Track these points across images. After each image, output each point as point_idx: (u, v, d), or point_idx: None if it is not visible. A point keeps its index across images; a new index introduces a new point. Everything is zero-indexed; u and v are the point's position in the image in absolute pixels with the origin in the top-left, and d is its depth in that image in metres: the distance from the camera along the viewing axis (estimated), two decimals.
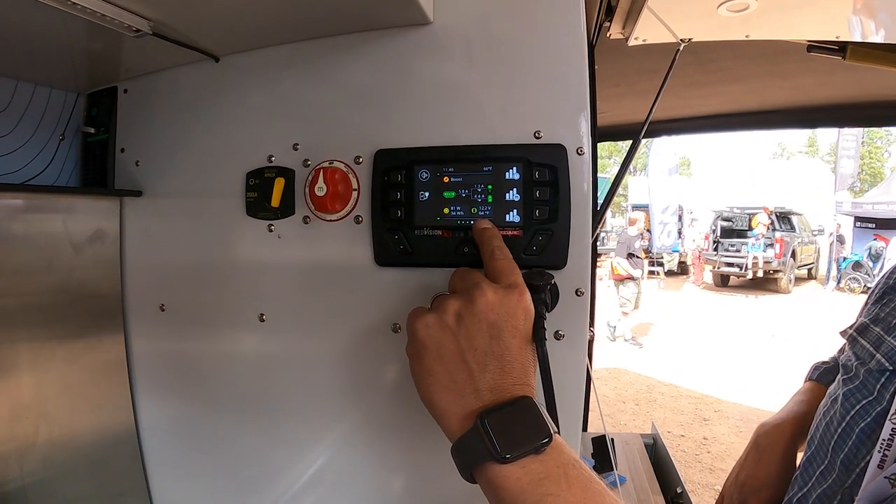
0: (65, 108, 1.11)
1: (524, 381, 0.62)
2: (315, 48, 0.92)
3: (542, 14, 0.81)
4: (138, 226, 1.07)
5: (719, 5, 1.25)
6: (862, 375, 0.85)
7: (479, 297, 0.62)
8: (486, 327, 0.62)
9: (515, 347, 0.62)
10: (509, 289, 0.64)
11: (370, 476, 0.93)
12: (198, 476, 1.06)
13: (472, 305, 0.62)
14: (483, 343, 0.61)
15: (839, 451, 0.81)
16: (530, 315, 0.65)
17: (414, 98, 0.87)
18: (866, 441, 0.77)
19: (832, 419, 0.87)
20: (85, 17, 0.75)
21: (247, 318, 0.97)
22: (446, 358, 0.62)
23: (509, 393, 0.59)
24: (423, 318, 0.65)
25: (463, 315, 0.63)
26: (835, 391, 0.91)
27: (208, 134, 1.00)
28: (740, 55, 1.94)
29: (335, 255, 0.91)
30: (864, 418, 0.79)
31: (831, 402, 0.90)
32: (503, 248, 0.71)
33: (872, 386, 0.81)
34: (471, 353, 0.61)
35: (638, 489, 1.66)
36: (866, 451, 0.76)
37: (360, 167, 0.89)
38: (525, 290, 0.65)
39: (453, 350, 0.62)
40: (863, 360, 0.87)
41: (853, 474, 0.77)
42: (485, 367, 0.60)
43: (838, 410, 0.86)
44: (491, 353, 0.61)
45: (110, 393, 1.06)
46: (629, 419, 6.06)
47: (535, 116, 0.81)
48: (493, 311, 0.62)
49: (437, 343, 0.63)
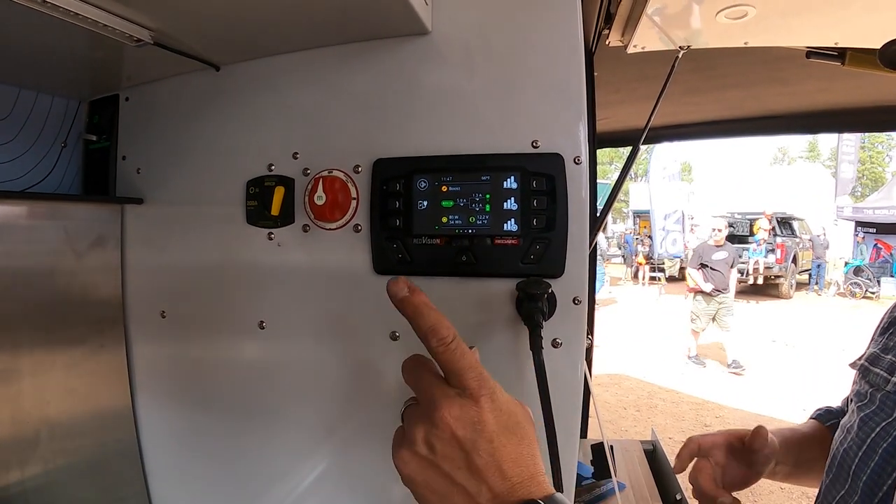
0: (66, 115, 1.11)
1: (526, 475, 0.57)
2: (314, 58, 0.93)
3: (540, 24, 0.82)
4: (139, 233, 1.08)
5: (718, 12, 1.25)
6: (878, 400, 0.85)
7: (440, 420, 0.57)
8: (458, 445, 0.57)
9: (501, 448, 0.57)
10: (465, 399, 0.58)
11: (369, 483, 0.93)
12: (198, 482, 1.06)
13: (436, 430, 0.57)
14: (463, 460, 0.57)
15: (861, 475, 0.81)
16: (503, 414, 0.59)
17: (412, 107, 0.87)
18: (890, 461, 0.77)
19: (851, 444, 0.86)
20: (86, 27, 0.76)
21: (247, 325, 0.98)
22: (436, 486, 0.58)
23: (515, 497, 0.55)
24: (400, 453, 0.61)
25: (432, 441, 0.58)
26: (849, 421, 0.91)
27: (209, 142, 1.01)
28: (740, 61, 1.94)
29: (334, 264, 0.92)
30: (886, 439, 0.79)
31: (846, 430, 0.90)
32: (440, 329, 0.60)
33: (890, 409, 0.81)
34: (458, 474, 0.57)
35: (637, 496, 1.65)
36: (890, 472, 0.76)
37: (359, 176, 0.89)
38: (483, 393, 0.58)
39: (439, 476, 0.58)
40: (878, 385, 0.87)
41: (877, 497, 0.77)
42: (479, 480, 0.56)
43: (857, 434, 0.85)
44: (476, 466, 0.56)
45: (111, 399, 1.06)
46: (630, 425, 6.04)
47: (532, 125, 0.82)
48: (460, 428, 0.57)
49: (423, 476, 0.59)
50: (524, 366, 0.81)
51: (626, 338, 9.89)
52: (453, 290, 0.85)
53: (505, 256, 0.81)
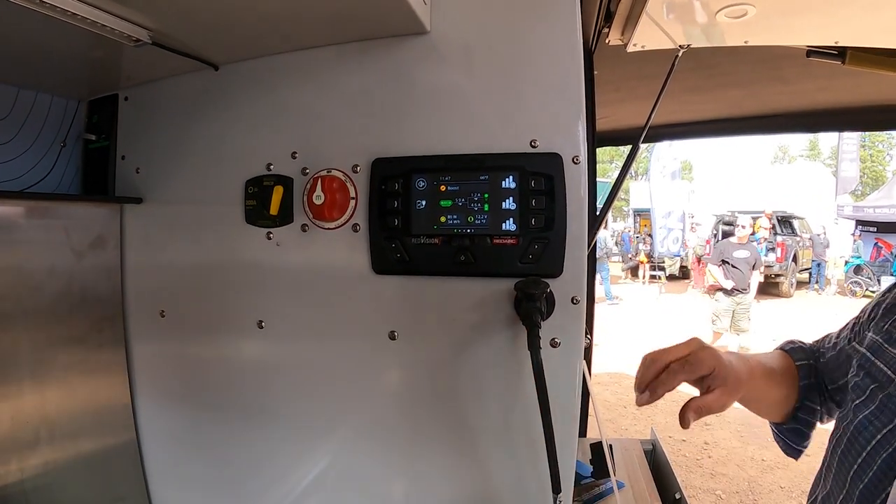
0: (66, 115, 1.11)
1: None
2: (313, 57, 0.93)
3: (539, 24, 0.81)
4: (139, 232, 1.08)
5: (718, 11, 1.25)
6: (879, 401, 0.81)
7: None
8: None
9: None
10: None
11: (368, 481, 0.94)
12: (197, 480, 1.07)
13: None
14: None
15: (858, 482, 0.79)
16: None
17: (411, 107, 0.87)
18: (888, 473, 0.75)
19: (850, 448, 0.83)
20: (85, 28, 0.76)
21: (246, 324, 0.98)
22: None
23: None
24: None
25: None
26: (846, 416, 0.87)
27: (208, 142, 1.01)
28: (740, 60, 1.94)
29: (333, 263, 0.92)
30: (886, 448, 0.76)
31: (844, 427, 0.86)
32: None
33: (891, 414, 0.78)
34: None
35: (637, 495, 1.65)
36: (888, 484, 0.74)
37: (357, 176, 0.89)
38: None
39: None
40: (881, 383, 0.82)
41: None
42: None
43: (856, 440, 0.82)
44: None
45: (110, 398, 1.07)
46: (630, 424, 6.04)
47: (531, 125, 0.82)
48: None
49: None
50: (523, 365, 0.81)
51: (628, 336, 9.88)
52: (452, 289, 0.85)
53: (503, 256, 0.81)
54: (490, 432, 0.85)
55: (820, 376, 1.01)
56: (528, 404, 0.81)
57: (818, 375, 1.01)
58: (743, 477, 4.72)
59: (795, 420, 1.01)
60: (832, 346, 1.01)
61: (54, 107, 1.09)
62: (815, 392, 1.00)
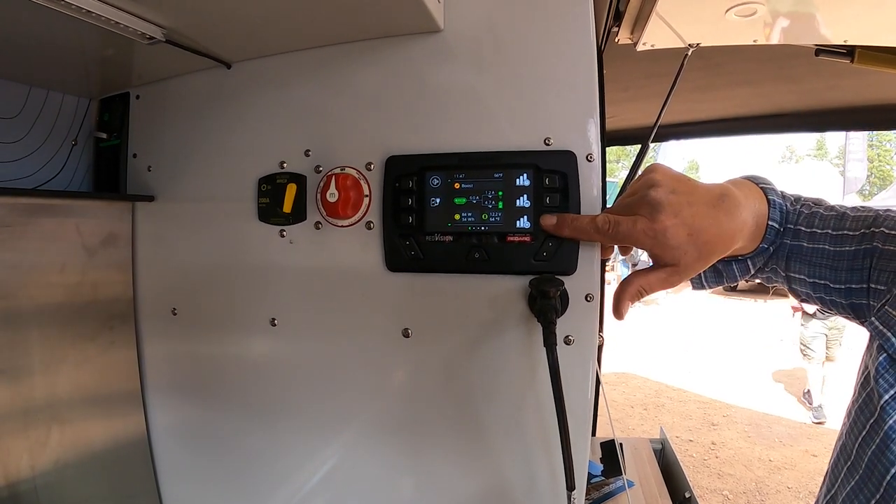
0: (77, 113, 1.12)
1: None
2: (326, 55, 0.93)
3: (552, 21, 0.81)
4: (150, 230, 1.08)
5: (727, 10, 1.25)
6: None
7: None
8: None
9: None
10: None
11: (380, 480, 0.93)
12: (208, 479, 1.07)
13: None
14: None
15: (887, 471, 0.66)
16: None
17: (425, 105, 0.87)
18: None
19: (883, 452, 0.66)
20: (99, 25, 0.77)
21: (258, 322, 0.98)
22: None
23: None
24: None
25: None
26: (871, 411, 0.69)
27: (220, 140, 1.01)
28: (748, 59, 1.94)
29: (346, 261, 0.92)
30: None
31: (871, 427, 0.69)
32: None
33: None
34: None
35: (646, 494, 1.65)
36: None
37: (371, 173, 0.89)
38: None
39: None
40: None
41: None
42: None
43: (891, 445, 0.66)
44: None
45: (122, 395, 1.07)
46: (637, 424, 6.04)
47: (544, 123, 0.82)
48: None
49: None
50: (537, 362, 0.81)
51: (633, 336, 9.86)
52: (466, 287, 0.85)
53: (517, 253, 0.81)
54: (503, 429, 0.85)
55: (782, 251, 0.83)
56: (542, 402, 0.81)
57: (779, 249, 0.83)
58: (750, 477, 4.72)
59: (727, 265, 0.87)
60: (824, 234, 0.81)
61: (65, 105, 1.10)
62: (763, 257, 0.84)
